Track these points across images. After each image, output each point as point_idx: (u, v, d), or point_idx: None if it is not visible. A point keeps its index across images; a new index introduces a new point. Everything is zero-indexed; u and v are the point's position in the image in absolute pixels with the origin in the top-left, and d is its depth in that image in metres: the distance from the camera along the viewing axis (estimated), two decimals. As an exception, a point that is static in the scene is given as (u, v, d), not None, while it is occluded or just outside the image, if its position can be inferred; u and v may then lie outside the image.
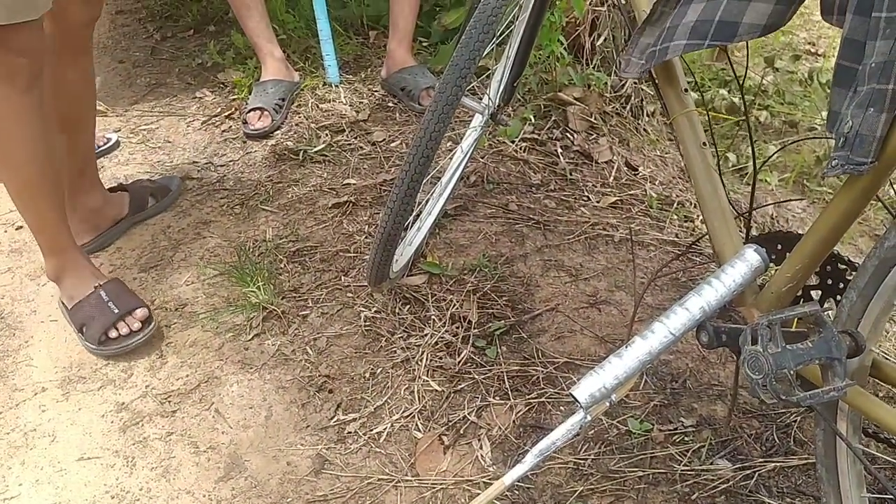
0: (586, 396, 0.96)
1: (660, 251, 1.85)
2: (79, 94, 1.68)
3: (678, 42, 1.03)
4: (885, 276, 0.91)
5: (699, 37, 1.01)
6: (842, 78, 0.87)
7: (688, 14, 1.03)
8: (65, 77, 1.60)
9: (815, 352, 0.89)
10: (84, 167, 1.78)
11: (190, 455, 1.38)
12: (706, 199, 1.14)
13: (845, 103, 0.86)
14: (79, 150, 1.74)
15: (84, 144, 1.77)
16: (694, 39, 1.02)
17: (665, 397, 1.48)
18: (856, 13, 0.84)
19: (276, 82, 2.31)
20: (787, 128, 2.53)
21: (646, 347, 0.97)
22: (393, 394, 1.48)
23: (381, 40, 2.61)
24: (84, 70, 1.67)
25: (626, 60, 1.15)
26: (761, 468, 1.35)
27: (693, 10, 1.03)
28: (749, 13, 0.99)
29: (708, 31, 1.01)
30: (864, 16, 0.82)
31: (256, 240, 1.86)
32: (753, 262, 0.99)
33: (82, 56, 1.64)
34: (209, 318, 1.64)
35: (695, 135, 1.15)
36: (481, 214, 1.93)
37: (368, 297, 1.68)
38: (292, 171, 2.09)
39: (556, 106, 2.27)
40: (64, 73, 1.59)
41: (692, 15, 1.03)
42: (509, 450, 1.38)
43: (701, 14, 1.02)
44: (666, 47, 1.05)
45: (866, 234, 2.10)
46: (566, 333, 1.61)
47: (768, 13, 0.98)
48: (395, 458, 1.37)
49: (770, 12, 0.98)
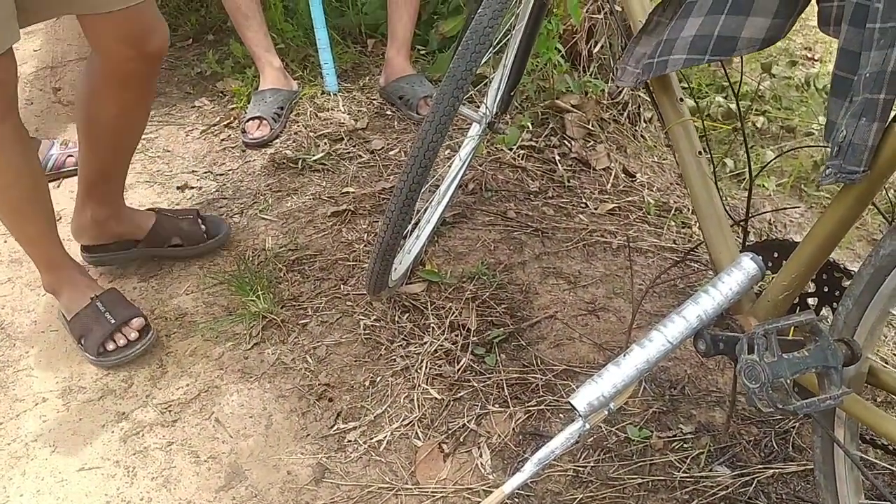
0: (585, 405, 0.96)
1: (658, 258, 1.85)
2: (116, 127, 1.59)
3: (677, 56, 1.04)
4: (880, 284, 0.92)
5: (698, 52, 1.02)
6: (838, 88, 0.88)
7: (686, 28, 1.04)
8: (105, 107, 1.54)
9: (812, 360, 0.90)
10: (98, 181, 1.68)
11: (190, 465, 1.39)
12: (703, 207, 1.15)
13: (841, 113, 0.87)
14: (101, 166, 1.66)
15: (106, 163, 1.67)
16: (693, 54, 1.03)
17: (664, 404, 1.48)
18: (851, 24, 0.85)
19: (275, 91, 2.32)
20: (784, 133, 2.53)
21: (644, 356, 0.97)
22: (393, 402, 1.48)
23: (379, 49, 2.62)
24: (127, 106, 1.56)
25: (621, 69, 1.16)
26: (760, 475, 1.35)
27: (691, 24, 1.03)
28: (748, 28, 1.00)
29: (707, 46, 1.02)
30: (859, 27, 0.83)
31: (256, 248, 1.86)
32: (750, 270, 1.00)
33: (126, 92, 1.52)
34: (209, 327, 1.65)
35: (691, 144, 1.15)
36: (480, 222, 1.94)
37: (368, 306, 1.69)
38: (291, 179, 2.09)
39: (554, 113, 2.28)
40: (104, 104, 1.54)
41: (690, 30, 1.03)
42: (509, 458, 1.39)
43: (699, 29, 1.02)
44: (665, 60, 1.06)
45: (864, 238, 2.11)
46: (565, 341, 1.62)
47: (766, 27, 0.99)
48: (396, 467, 1.37)
49: (769, 26, 0.99)
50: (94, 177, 1.68)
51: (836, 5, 0.91)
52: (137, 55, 1.44)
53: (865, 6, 0.82)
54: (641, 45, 1.13)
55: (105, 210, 1.72)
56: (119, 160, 1.70)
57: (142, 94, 1.58)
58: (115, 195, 1.74)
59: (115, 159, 1.68)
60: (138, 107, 1.60)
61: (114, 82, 1.50)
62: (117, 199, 1.75)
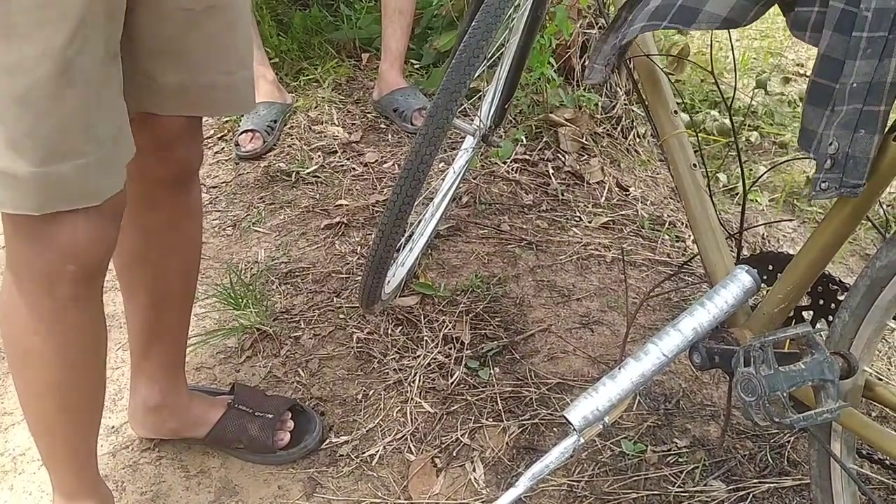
0: (579, 419, 0.95)
1: (652, 271, 1.85)
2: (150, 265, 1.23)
3: (636, 25, 1.00)
4: (876, 296, 0.91)
5: (658, 18, 0.98)
6: (817, 96, 0.86)
7: (649, 4, 1.01)
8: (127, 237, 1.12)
9: (808, 373, 0.89)
10: (144, 347, 1.29)
11: (180, 479, 1.37)
12: (697, 219, 1.14)
13: (822, 123, 0.86)
14: (144, 325, 1.28)
15: (150, 321, 1.27)
16: (653, 20, 0.99)
17: (659, 418, 1.47)
18: (835, 31, 0.83)
19: (269, 104, 2.32)
20: (776, 148, 2.54)
21: (639, 369, 0.97)
22: (385, 416, 1.47)
23: (373, 62, 2.62)
24: (158, 232, 1.19)
25: (590, 68, 1.14)
26: (755, 489, 1.34)
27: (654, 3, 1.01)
28: (711, 2, 0.97)
29: (667, 14, 0.98)
30: (844, 34, 0.82)
31: (248, 261, 1.85)
32: (745, 283, 0.99)
33: (154, 213, 1.17)
34: (201, 340, 1.63)
35: (685, 156, 1.15)
36: (474, 235, 1.93)
37: (361, 319, 1.67)
38: (284, 192, 2.09)
39: (548, 127, 2.29)
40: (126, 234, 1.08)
41: (653, 4, 1.01)
42: (503, 472, 1.37)
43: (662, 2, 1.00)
44: (625, 34, 1.03)
45: (857, 253, 2.11)
46: (559, 354, 1.61)
47: (731, 6, 0.94)
48: (388, 482, 1.36)
49: (733, 5, 0.95)
50: (138, 342, 1.29)
51: (816, 11, 0.88)
52: (162, 163, 1.11)
53: (852, 13, 0.81)
54: (608, 42, 1.12)
55: (157, 393, 1.32)
56: (166, 316, 1.27)
57: (177, 214, 1.20)
58: (168, 370, 1.32)
59: (158, 315, 1.26)
60: (172, 231, 1.20)
61: (138, 200, 1.10)
62: (172, 379, 1.33)
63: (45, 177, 0.84)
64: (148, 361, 1.30)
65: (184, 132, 1.10)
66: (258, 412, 1.39)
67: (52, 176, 0.85)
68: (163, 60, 0.99)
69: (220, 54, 1.03)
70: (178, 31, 0.98)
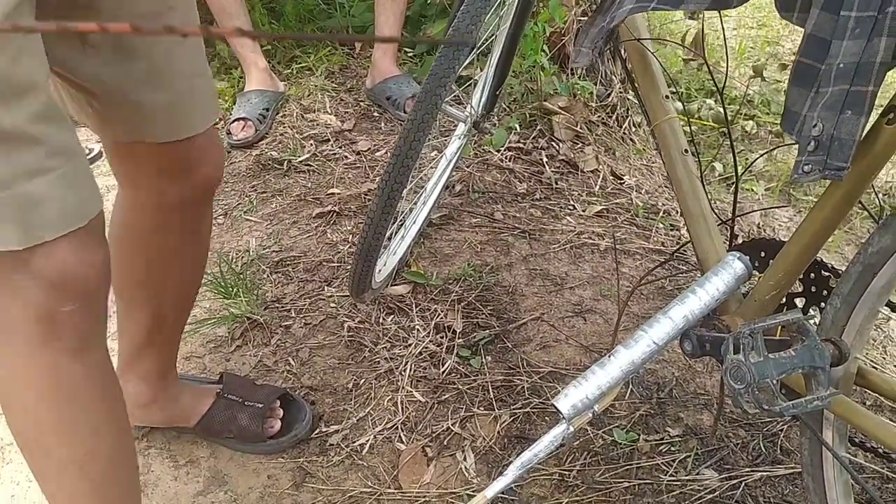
0: (569, 407, 0.94)
1: (645, 260, 1.84)
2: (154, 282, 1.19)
3: (625, 7, 0.98)
4: (869, 282, 0.90)
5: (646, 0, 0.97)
6: (802, 77, 0.84)
7: None
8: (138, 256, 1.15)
9: (798, 360, 0.88)
10: (138, 354, 1.26)
11: (169, 469, 1.36)
12: (689, 206, 1.13)
13: (807, 104, 0.84)
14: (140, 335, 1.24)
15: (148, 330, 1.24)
16: (641, 2, 0.96)
17: (651, 407, 1.46)
18: (823, 9, 0.81)
19: (260, 92, 2.30)
20: (772, 137, 2.53)
21: (629, 357, 0.95)
22: (376, 405, 1.46)
23: (366, 51, 2.60)
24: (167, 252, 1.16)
25: (576, 51, 1.12)
26: (748, 478, 1.33)
27: None
28: None
29: None
30: (832, 13, 0.80)
31: (239, 250, 1.84)
32: (737, 269, 0.98)
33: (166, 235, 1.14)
34: (191, 329, 1.62)
35: (676, 142, 1.14)
36: (466, 223, 1.92)
37: (352, 308, 1.66)
38: (276, 180, 2.07)
39: (542, 115, 2.27)
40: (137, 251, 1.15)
41: None
42: (494, 461, 1.36)
43: None
44: (613, 16, 1.02)
45: (853, 242, 2.10)
46: (551, 343, 1.60)
47: None
48: (378, 471, 1.35)
49: None
50: (130, 347, 1.27)
51: None
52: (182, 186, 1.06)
53: None
54: (595, 24, 1.10)
55: (149, 390, 1.31)
56: (163, 327, 1.25)
57: (187, 238, 1.16)
58: (160, 370, 1.30)
59: (155, 326, 1.23)
60: (177, 257, 1.17)
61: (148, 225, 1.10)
62: (163, 377, 1.32)
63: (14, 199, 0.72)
64: (140, 362, 1.28)
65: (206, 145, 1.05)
66: (248, 401, 1.37)
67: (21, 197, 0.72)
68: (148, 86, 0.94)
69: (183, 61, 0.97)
70: None
